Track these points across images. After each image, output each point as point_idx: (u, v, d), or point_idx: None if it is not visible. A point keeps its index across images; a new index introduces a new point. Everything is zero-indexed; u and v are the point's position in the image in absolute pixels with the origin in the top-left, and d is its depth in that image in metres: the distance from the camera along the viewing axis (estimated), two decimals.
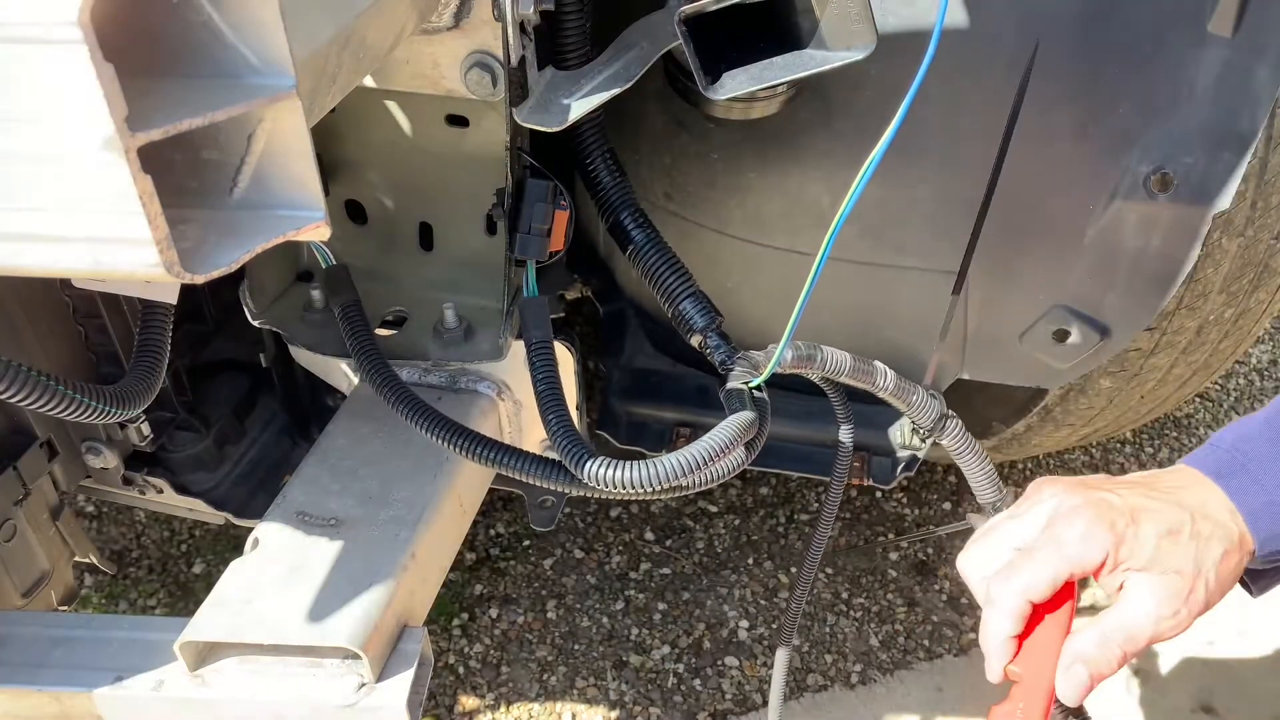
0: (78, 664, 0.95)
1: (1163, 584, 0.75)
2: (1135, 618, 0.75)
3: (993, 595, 0.78)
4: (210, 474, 1.41)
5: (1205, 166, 1.15)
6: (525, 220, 1.04)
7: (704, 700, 1.82)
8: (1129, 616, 0.76)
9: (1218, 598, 0.77)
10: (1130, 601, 0.76)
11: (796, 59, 0.91)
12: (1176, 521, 0.76)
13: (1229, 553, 0.77)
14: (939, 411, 1.03)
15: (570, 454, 0.89)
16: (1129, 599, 0.76)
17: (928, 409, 1.02)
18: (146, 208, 0.52)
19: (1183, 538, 0.76)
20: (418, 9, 0.85)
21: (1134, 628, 0.75)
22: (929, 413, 1.02)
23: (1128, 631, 0.75)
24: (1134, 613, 0.75)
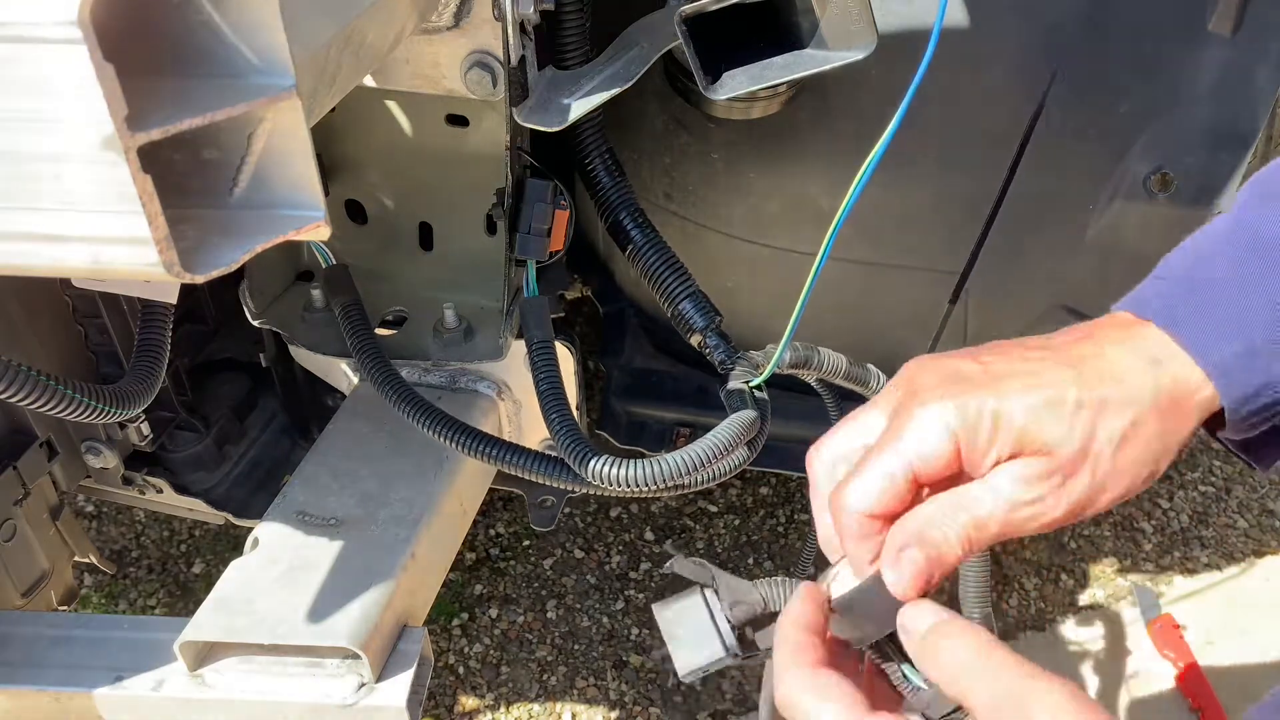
0: (78, 664, 0.95)
1: (1024, 465, 0.58)
2: (984, 497, 0.58)
3: (834, 519, 0.63)
4: (210, 474, 1.41)
5: (1205, 166, 1.15)
6: (525, 220, 1.04)
7: (704, 700, 1.82)
8: (977, 494, 0.59)
9: (1121, 483, 0.59)
10: (986, 480, 0.59)
11: (796, 59, 0.90)
12: (1055, 388, 0.58)
13: (1138, 425, 0.58)
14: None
15: (573, 452, 0.90)
16: (986, 478, 0.59)
17: None
18: (146, 207, 0.52)
19: (1064, 409, 0.57)
20: (418, 9, 0.85)
21: (981, 508, 0.58)
22: None
23: (973, 511, 0.58)
24: (984, 491, 0.59)
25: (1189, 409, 0.59)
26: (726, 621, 0.68)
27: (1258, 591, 1.99)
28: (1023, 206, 1.21)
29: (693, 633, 0.68)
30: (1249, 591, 1.99)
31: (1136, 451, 0.58)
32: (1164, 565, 2.05)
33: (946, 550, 0.58)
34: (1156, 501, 2.17)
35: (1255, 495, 2.18)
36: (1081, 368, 0.59)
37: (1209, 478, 2.22)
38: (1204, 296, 0.60)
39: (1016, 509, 0.58)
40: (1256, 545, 2.09)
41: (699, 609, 0.68)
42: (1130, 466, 0.58)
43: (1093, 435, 0.57)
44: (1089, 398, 0.58)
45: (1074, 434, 0.57)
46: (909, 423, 0.59)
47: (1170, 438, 0.59)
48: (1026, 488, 0.58)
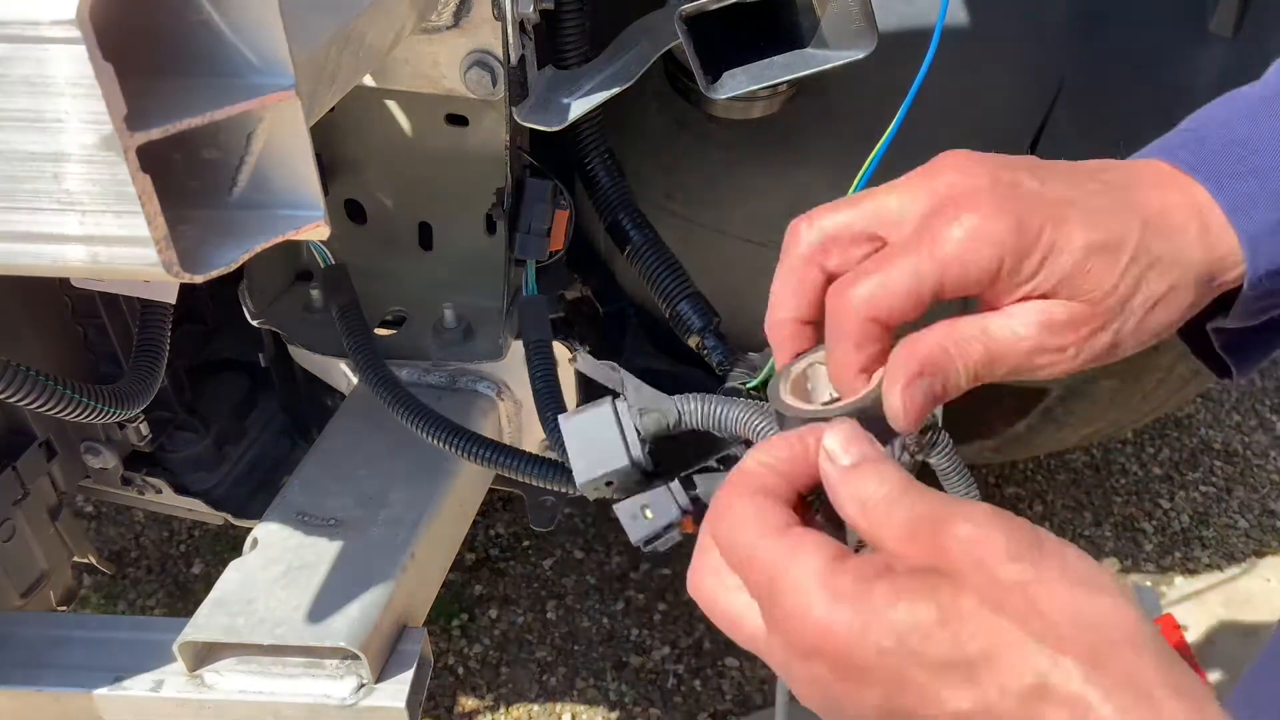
0: (77, 664, 0.95)
1: (1057, 308, 0.52)
2: (1004, 334, 0.53)
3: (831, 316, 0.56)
4: (210, 474, 1.41)
5: None
6: (525, 220, 1.04)
7: (704, 701, 1.82)
8: (998, 326, 0.53)
9: (1132, 347, 0.54)
10: (1010, 312, 0.53)
11: (797, 58, 0.90)
12: (1118, 233, 0.52)
13: (1176, 290, 0.53)
14: (927, 422, 1.03)
15: None
16: (1008, 312, 0.53)
17: None
18: (146, 207, 0.52)
19: (1121, 257, 0.52)
20: (417, 8, 0.85)
21: (998, 344, 0.53)
22: None
23: (990, 347, 0.53)
24: (1008, 325, 0.53)
25: (1216, 285, 0.54)
26: (635, 432, 0.61)
27: (1258, 592, 1.99)
28: None
29: (597, 442, 0.62)
30: (1249, 591, 1.99)
31: (1165, 316, 0.54)
32: (1164, 565, 2.05)
33: (953, 383, 0.53)
34: (1157, 502, 2.17)
35: (1256, 495, 2.18)
36: (1145, 213, 0.54)
37: (1209, 478, 2.22)
38: (1244, 160, 0.55)
39: (1037, 354, 0.53)
40: (1257, 545, 2.09)
41: (607, 419, 0.62)
42: (1153, 329, 0.54)
43: (1135, 291, 0.52)
44: (1145, 252, 0.52)
45: (1120, 286, 0.52)
46: (953, 229, 0.52)
47: (1186, 308, 0.54)
48: (1052, 334, 0.53)
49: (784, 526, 0.48)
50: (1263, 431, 2.31)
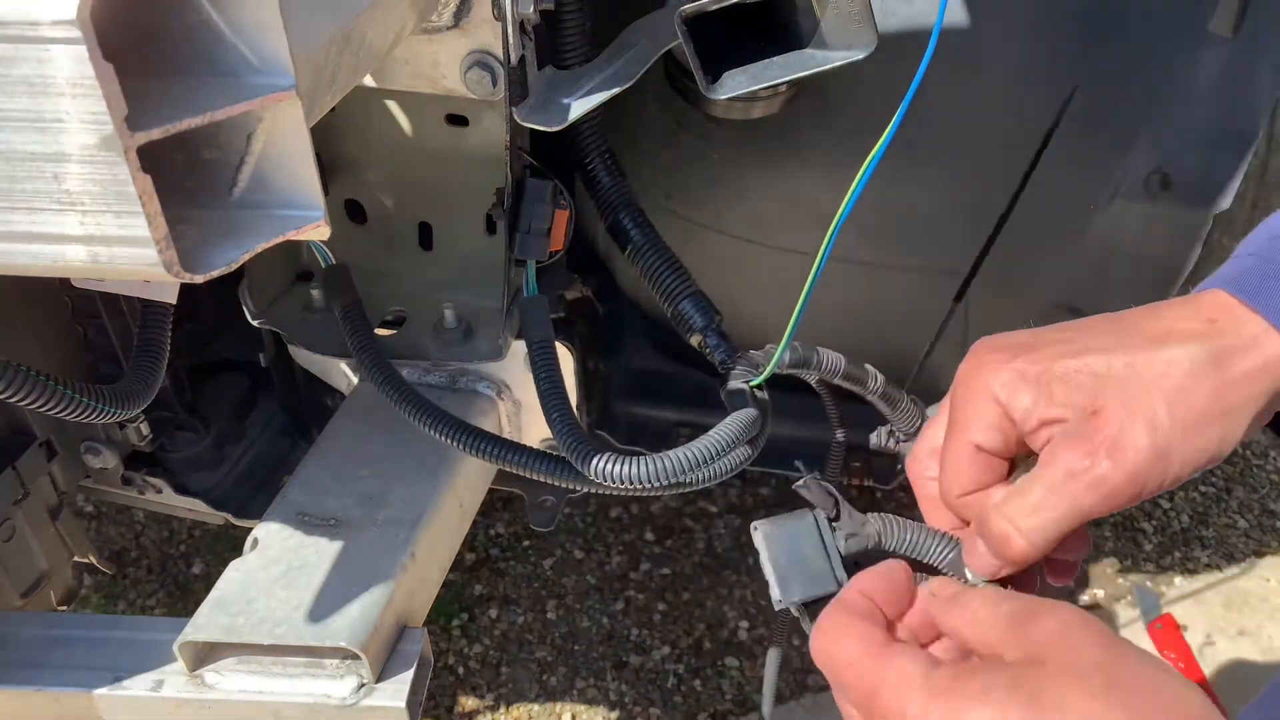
0: (77, 664, 0.95)
1: (1076, 438, 0.55)
2: (1034, 483, 0.56)
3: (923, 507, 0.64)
4: (210, 474, 1.41)
5: (1205, 166, 1.15)
6: (525, 220, 1.04)
7: (704, 701, 1.82)
8: (1028, 481, 0.57)
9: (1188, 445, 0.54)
10: (1038, 463, 0.57)
11: (797, 58, 0.90)
12: (1097, 348, 0.56)
13: (1194, 376, 0.53)
14: (920, 420, 1.03)
15: (575, 450, 0.90)
16: (1040, 463, 0.57)
17: (910, 416, 1.03)
18: (146, 207, 0.52)
19: (1104, 364, 0.55)
20: (418, 8, 0.85)
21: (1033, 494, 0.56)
22: (911, 420, 1.03)
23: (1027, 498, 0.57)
24: (1035, 476, 0.57)
25: (1249, 365, 0.54)
26: (838, 554, 0.62)
27: (1258, 591, 1.99)
28: (1024, 206, 1.21)
29: (801, 559, 0.62)
30: (1249, 591, 1.99)
31: (1197, 406, 0.54)
32: (1164, 565, 2.05)
33: (1008, 543, 0.57)
34: (1157, 502, 2.17)
35: (1256, 495, 2.18)
36: (1130, 328, 0.57)
37: (1209, 478, 2.22)
38: (1265, 263, 0.56)
39: (1071, 479, 0.54)
40: (1257, 545, 2.09)
41: (811, 535, 0.62)
42: (1193, 426, 0.54)
43: (1141, 391, 0.54)
44: (1135, 356, 0.55)
45: (1118, 389, 0.54)
46: (960, 398, 0.60)
47: (1234, 395, 0.54)
48: (1075, 454, 0.55)
49: (884, 643, 0.54)
50: (1262, 432, 2.31)
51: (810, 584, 0.61)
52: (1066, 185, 1.20)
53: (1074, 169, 1.19)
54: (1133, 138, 1.15)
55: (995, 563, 0.59)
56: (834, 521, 0.62)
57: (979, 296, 1.30)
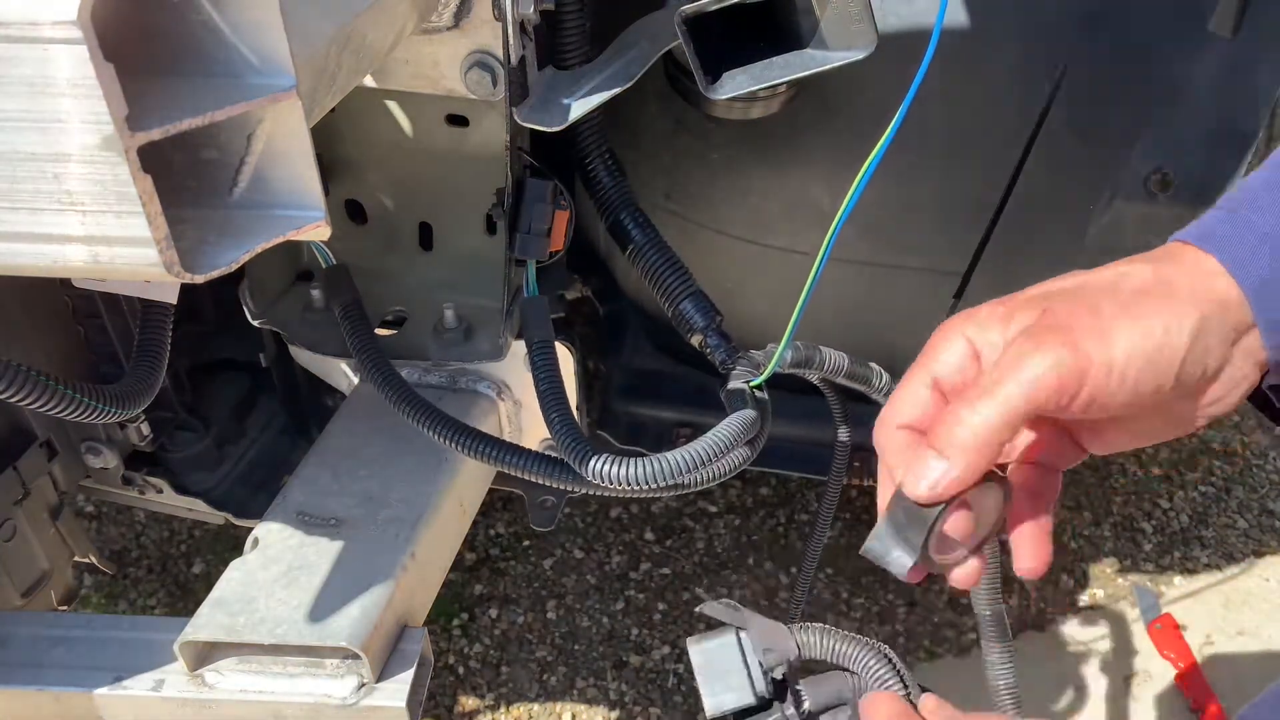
0: (78, 664, 0.95)
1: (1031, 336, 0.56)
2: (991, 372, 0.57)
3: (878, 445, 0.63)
4: (210, 474, 1.41)
5: (1205, 166, 1.15)
6: (525, 220, 1.04)
7: None
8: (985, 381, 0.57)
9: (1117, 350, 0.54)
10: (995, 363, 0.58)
11: (796, 59, 0.90)
12: (1067, 280, 0.60)
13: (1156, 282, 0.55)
14: None
15: (574, 451, 0.90)
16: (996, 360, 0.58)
17: None
18: (146, 207, 0.52)
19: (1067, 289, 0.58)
20: (418, 9, 0.85)
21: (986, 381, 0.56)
22: None
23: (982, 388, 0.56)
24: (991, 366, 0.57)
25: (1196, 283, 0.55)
26: (759, 666, 0.67)
27: (1258, 591, 1.99)
28: (1024, 206, 1.21)
29: (724, 674, 0.68)
30: (1249, 591, 1.99)
31: (1138, 291, 0.55)
32: (1164, 565, 2.05)
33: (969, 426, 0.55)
34: (1156, 501, 2.17)
35: (1255, 495, 2.18)
36: (1099, 272, 0.58)
37: (1209, 478, 2.22)
38: (1242, 218, 0.57)
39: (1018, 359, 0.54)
40: (1256, 545, 2.09)
41: (732, 649, 0.68)
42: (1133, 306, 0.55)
43: (1086, 291, 0.57)
44: (1086, 276, 0.58)
45: (1066, 295, 0.57)
46: (930, 344, 0.62)
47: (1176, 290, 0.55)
48: (1021, 340, 0.55)
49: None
50: (1262, 432, 2.31)
51: (727, 696, 0.67)
52: (1066, 186, 1.20)
53: (1074, 169, 1.19)
54: (1133, 138, 1.15)
55: (942, 466, 0.55)
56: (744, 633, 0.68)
57: (979, 297, 1.30)
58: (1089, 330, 0.54)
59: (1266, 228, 0.55)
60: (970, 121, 1.19)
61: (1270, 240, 0.55)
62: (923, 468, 0.56)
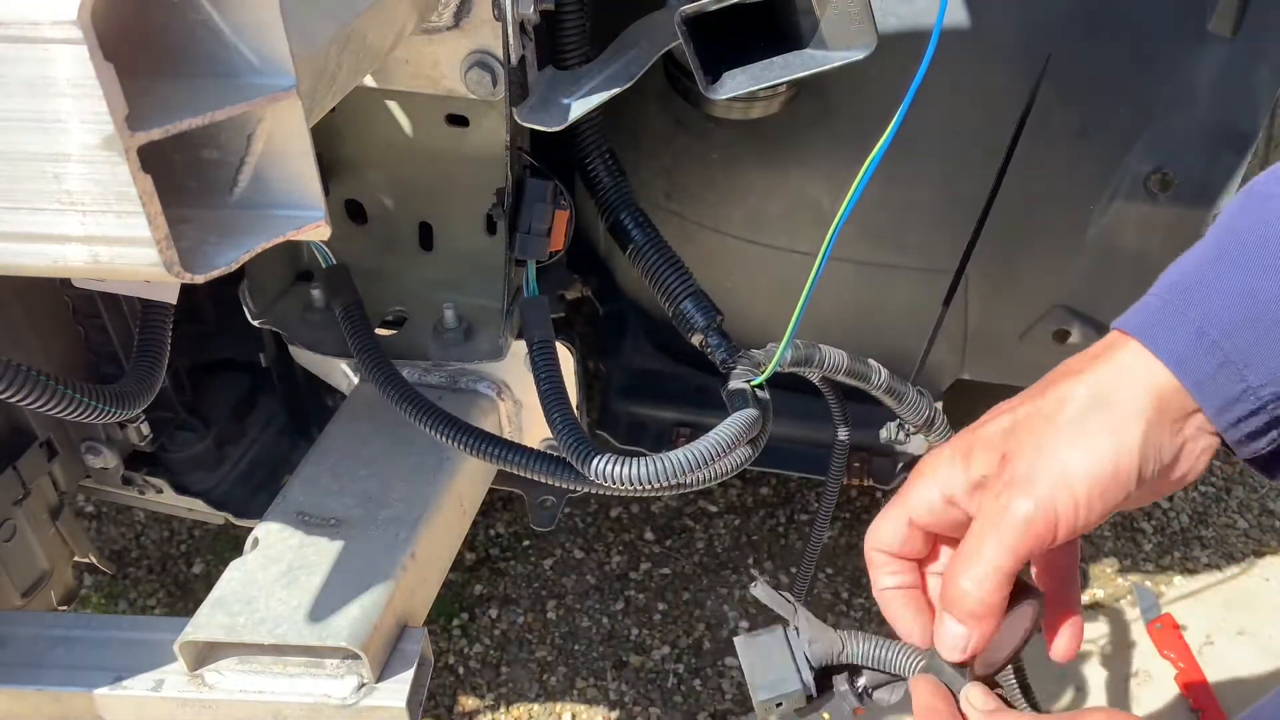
0: (77, 664, 0.95)
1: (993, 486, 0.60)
2: (974, 539, 0.60)
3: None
4: (210, 474, 1.41)
5: (1205, 166, 1.15)
6: (525, 220, 1.04)
7: (704, 700, 1.82)
8: (969, 542, 0.60)
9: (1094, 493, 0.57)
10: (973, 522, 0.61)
11: (796, 59, 0.90)
12: (1007, 411, 0.61)
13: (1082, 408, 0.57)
14: (928, 410, 1.03)
15: (575, 451, 0.90)
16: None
17: (918, 408, 1.03)
18: (146, 207, 0.52)
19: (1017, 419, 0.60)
20: (418, 9, 0.85)
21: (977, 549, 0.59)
22: (919, 412, 1.03)
23: (972, 555, 0.59)
24: (971, 534, 0.60)
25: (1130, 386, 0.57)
26: (805, 659, 0.71)
27: (1258, 591, 1.99)
28: (1023, 206, 1.21)
29: (772, 666, 0.71)
30: (1249, 591, 1.99)
31: (1088, 429, 0.57)
32: (1164, 565, 2.05)
33: (977, 604, 0.59)
34: (1156, 501, 2.17)
35: (1255, 495, 2.18)
36: (1041, 383, 0.61)
37: (1209, 478, 2.22)
38: (1173, 301, 0.58)
39: (993, 523, 0.58)
40: (1256, 545, 2.09)
41: (780, 644, 0.72)
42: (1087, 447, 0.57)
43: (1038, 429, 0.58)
44: (1035, 402, 0.60)
45: (1021, 433, 0.59)
46: (911, 480, 0.66)
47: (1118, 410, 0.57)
48: (989, 497, 0.59)
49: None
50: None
51: (777, 686, 0.70)
52: (1066, 185, 1.20)
53: (1074, 169, 1.19)
54: (1133, 138, 1.15)
55: (961, 632, 0.61)
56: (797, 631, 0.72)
57: (980, 298, 1.30)
58: (1046, 476, 0.57)
59: (1200, 320, 0.56)
60: (960, 122, 1.19)
61: (1206, 336, 0.56)
62: (947, 635, 0.62)
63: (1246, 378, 0.55)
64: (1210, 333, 0.56)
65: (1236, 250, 0.57)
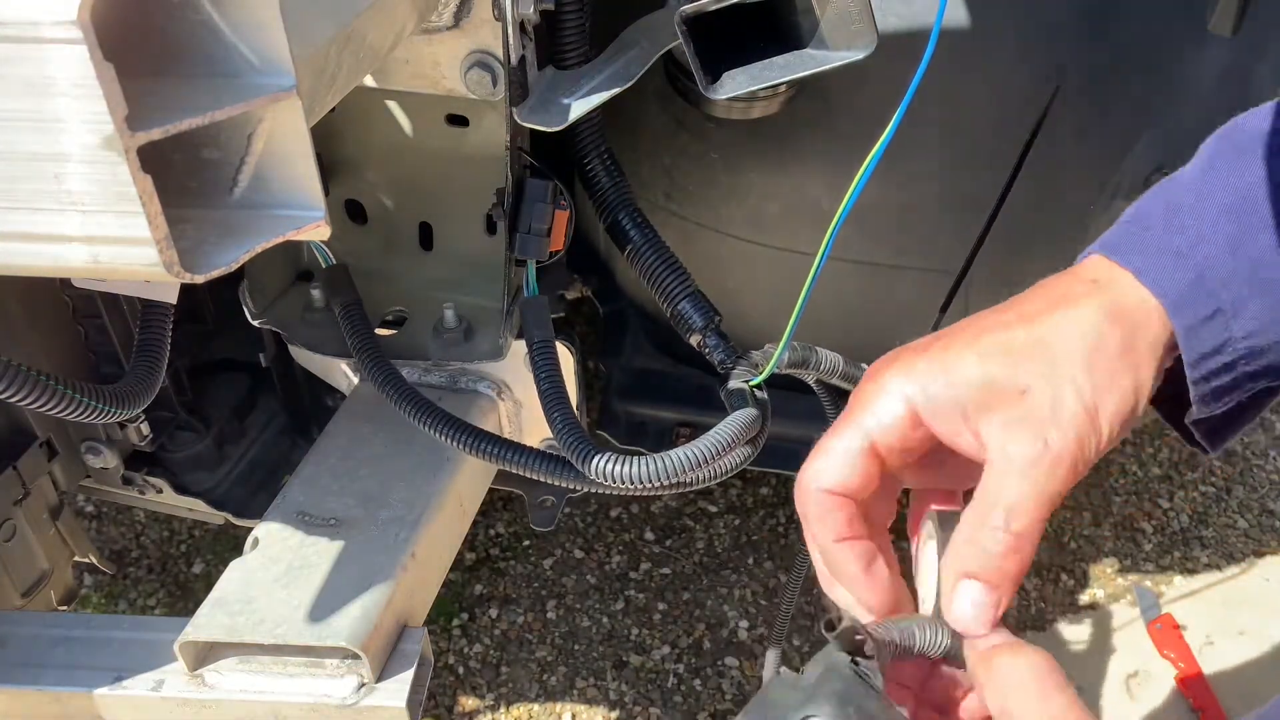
0: (77, 664, 0.95)
1: (1010, 423, 0.53)
2: (995, 486, 0.53)
3: (800, 512, 0.58)
4: (210, 474, 1.41)
5: None
6: (525, 220, 1.04)
7: (704, 700, 1.82)
8: (990, 488, 0.53)
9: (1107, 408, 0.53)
10: (987, 467, 0.53)
11: (796, 59, 0.90)
12: (999, 328, 0.55)
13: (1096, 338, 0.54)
14: None
15: (576, 450, 0.90)
16: (986, 462, 0.54)
17: None
18: (146, 207, 0.52)
19: (1013, 344, 0.54)
20: (418, 9, 0.85)
21: (1003, 498, 0.52)
22: None
23: (998, 506, 0.52)
24: (994, 480, 0.53)
25: (1139, 320, 0.54)
26: None
27: (1258, 591, 1.99)
28: (1023, 206, 1.21)
29: None
30: (1249, 591, 1.99)
31: (1108, 362, 0.53)
32: (1164, 565, 2.05)
33: (1002, 566, 0.53)
34: (1156, 502, 2.17)
35: (1255, 495, 2.18)
36: (1027, 308, 0.56)
37: (1209, 478, 2.22)
38: (1156, 232, 0.56)
39: (1034, 465, 0.52)
40: (1256, 545, 2.09)
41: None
42: (1110, 381, 0.53)
43: (1054, 361, 0.53)
44: (1040, 331, 0.54)
45: (1035, 365, 0.53)
46: (862, 397, 0.56)
47: (1136, 345, 0.54)
48: (1026, 438, 0.52)
49: None
50: (1262, 431, 2.31)
51: None
52: (1067, 185, 1.20)
53: (1074, 169, 1.19)
54: (1133, 138, 1.15)
55: (992, 598, 0.53)
56: None
57: (980, 298, 1.30)
58: (1074, 412, 0.53)
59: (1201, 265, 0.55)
60: (969, 121, 1.19)
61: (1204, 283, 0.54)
62: (971, 603, 0.53)
63: (1231, 328, 0.54)
64: (1209, 280, 0.54)
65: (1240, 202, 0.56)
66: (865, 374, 0.59)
